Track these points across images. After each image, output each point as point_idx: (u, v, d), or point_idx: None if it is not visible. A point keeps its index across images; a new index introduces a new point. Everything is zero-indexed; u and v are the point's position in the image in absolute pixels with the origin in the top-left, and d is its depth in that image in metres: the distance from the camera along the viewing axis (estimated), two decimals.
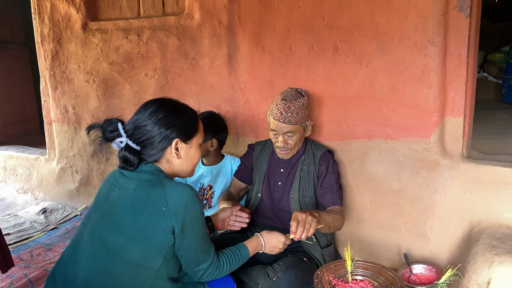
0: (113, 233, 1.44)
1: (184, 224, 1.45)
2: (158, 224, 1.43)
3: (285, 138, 2.13)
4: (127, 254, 1.41)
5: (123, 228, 1.43)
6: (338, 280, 1.90)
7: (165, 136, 1.52)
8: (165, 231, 1.43)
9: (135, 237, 1.42)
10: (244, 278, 2.05)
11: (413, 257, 2.25)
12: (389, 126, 2.28)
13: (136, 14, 3.07)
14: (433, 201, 2.21)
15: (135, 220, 1.43)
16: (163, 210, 1.43)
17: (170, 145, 1.54)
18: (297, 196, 2.19)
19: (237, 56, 2.67)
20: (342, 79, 2.35)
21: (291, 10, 2.43)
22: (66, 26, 3.29)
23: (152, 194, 1.45)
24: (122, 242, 1.42)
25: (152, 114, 1.52)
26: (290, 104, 2.05)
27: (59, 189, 3.62)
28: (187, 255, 1.51)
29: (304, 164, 2.22)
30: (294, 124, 2.08)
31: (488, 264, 1.72)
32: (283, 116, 2.07)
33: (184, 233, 1.46)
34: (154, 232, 1.42)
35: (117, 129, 1.50)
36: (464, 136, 2.15)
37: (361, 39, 2.26)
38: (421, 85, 2.16)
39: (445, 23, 2.06)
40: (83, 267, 1.43)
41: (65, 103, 3.45)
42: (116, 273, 1.40)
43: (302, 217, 1.78)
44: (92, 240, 1.46)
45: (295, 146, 2.17)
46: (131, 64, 3.10)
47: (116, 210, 1.47)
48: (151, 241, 1.42)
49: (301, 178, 2.20)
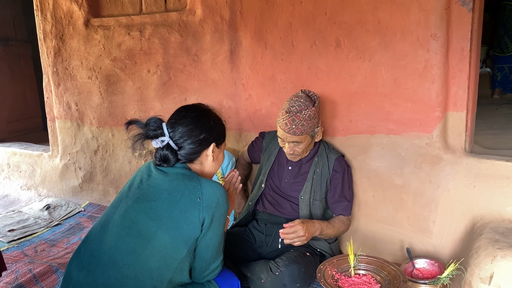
0: (146, 218, 1.48)
1: (213, 218, 1.51)
2: (191, 215, 1.48)
3: (291, 146, 2.13)
4: (156, 240, 1.45)
5: (157, 215, 1.48)
6: (341, 274, 1.91)
7: (205, 140, 1.61)
8: (195, 223, 1.48)
9: (168, 224, 1.47)
10: (247, 273, 2.06)
11: (416, 251, 2.26)
12: (391, 121, 2.28)
13: (138, 10, 3.07)
14: (435, 196, 2.21)
15: (170, 208, 1.48)
16: (198, 201, 1.49)
17: (207, 148, 1.63)
18: (307, 198, 2.19)
19: (239, 52, 2.67)
20: (345, 74, 2.35)
21: (293, 5, 2.42)
22: (69, 22, 3.30)
23: (189, 185, 1.52)
24: (154, 228, 1.46)
25: (197, 119, 1.61)
26: (295, 117, 2.03)
27: (62, 186, 3.64)
28: (206, 251, 1.55)
29: (318, 166, 2.21)
30: (300, 135, 2.07)
31: (490, 258, 1.72)
32: (288, 127, 2.06)
33: (210, 228, 1.52)
34: (185, 222, 1.47)
35: (161, 128, 1.57)
36: (466, 131, 2.15)
37: (364, 34, 2.26)
38: (424, 80, 2.16)
39: (447, 17, 2.06)
40: (111, 247, 1.46)
41: (67, 99, 3.46)
42: (143, 257, 1.43)
43: (299, 233, 1.94)
44: (124, 222, 1.49)
45: (303, 152, 2.18)
46: (133, 61, 3.10)
47: (152, 197, 1.52)
48: (181, 231, 1.47)
49: (314, 180, 2.20)
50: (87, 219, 3.19)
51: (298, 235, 1.95)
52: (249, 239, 2.27)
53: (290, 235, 1.95)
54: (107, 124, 3.34)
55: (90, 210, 3.34)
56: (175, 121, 1.60)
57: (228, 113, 2.81)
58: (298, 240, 1.96)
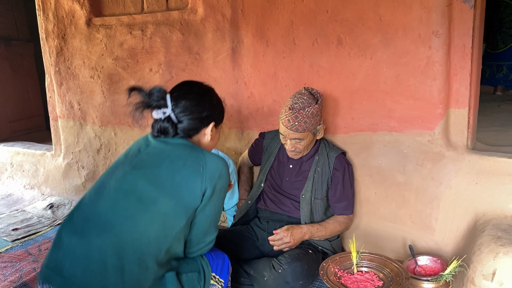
0: (147, 183, 1.45)
1: (215, 189, 1.50)
2: (193, 183, 1.46)
3: (293, 143, 2.13)
4: (157, 207, 1.42)
5: (159, 180, 1.45)
6: (343, 271, 1.91)
7: (206, 118, 1.61)
8: (197, 192, 1.46)
9: (169, 191, 1.44)
10: (250, 271, 2.07)
11: (418, 249, 2.26)
12: (393, 119, 2.28)
13: (140, 9, 3.08)
14: (438, 193, 2.21)
15: (172, 175, 1.46)
16: (201, 170, 1.47)
17: (206, 126, 1.62)
18: (309, 197, 2.20)
19: (241, 50, 2.67)
20: (346, 72, 2.35)
21: (295, 3, 2.42)
22: (71, 22, 3.30)
23: (192, 154, 1.51)
24: (155, 194, 1.43)
25: (201, 96, 1.62)
26: (298, 114, 2.04)
27: (65, 185, 3.65)
28: (204, 222, 1.53)
29: (318, 165, 2.22)
30: (302, 132, 2.08)
31: (493, 255, 1.72)
32: (290, 124, 2.06)
33: (211, 199, 1.50)
34: (187, 190, 1.45)
35: (165, 99, 1.54)
36: (468, 128, 2.15)
37: (365, 32, 2.26)
38: (426, 77, 2.15)
39: (449, 14, 2.05)
40: (107, 211, 1.42)
41: (70, 99, 3.47)
42: (142, 223, 1.40)
43: (284, 240, 2.05)
44: (121, 186, 1.46)
45: (304, 149, 2.18)
46: (135, 59, 3.11)
47: (152, 163, 1.49)
48: (182, 199, 1.45)
49: (315, 179, 2.21)
50: None
51: (283, 242, 2.05)
52: (251, 236, 2.28)
53: (277, 242, 2.06)
54: (109, 123, 3.35)
55: None
56: (179, 95, 1.57)
57: (230, 112, 2.81)
58: (285, 246, 2.07)
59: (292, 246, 2.09)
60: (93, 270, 1.34)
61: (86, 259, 1.35)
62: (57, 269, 1.37)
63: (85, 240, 1.37)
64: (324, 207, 2.23)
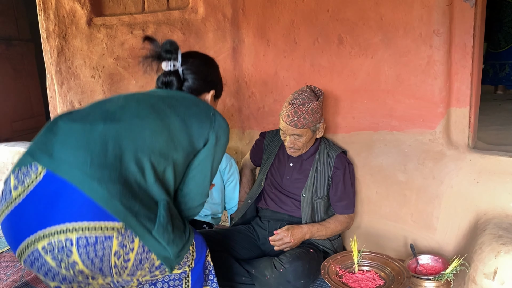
0: (160, 101, 1.43)
1: (217, 142, 1.48)
2: (203, 123, 1.44)
3: (292, 139, 2.14)
4: (168, 120, 1.37)
5: (172, 103, 1.43)
6: (345, 270, 1.92)
7: (210, 82, 1.66)
8: (204, 132, 1.44)
9: (182, 116, 1.40)
10: (251, 270, 2.07)
11: (420, 248, 2.26)
12: (394, 118, 2.28)
13: (141, 9, 3.08)
14: (439, 192, 2.21)
15: (185, 107, 1.45)
16: (211, 116, 1.47)
17: (208, 92, 1.66)
18: (309, 196, 2.20)
19: (242, 50, 2.67)
20: (347, 71, 2.35)
21: (295, 3, 2.42)
22: (71, 22, 3.31)
23: (201, 102, 1.53)
24: (168, 111, 1.39)
25: (209, 62, 1.71)
26: (297, 109, 2.05)
27: None
28: (203, 176, 1.49)
29: (319, 164, 2.22)
30: (301, 128, 2.08)
31: (494, 254, 1.72)
32: (289, 119, 2.07)
33: (212, 150, 1.47)
34: (196, 126, 1.42)
35: (176, 53, 1.55)
36: (469, 127, 2.15)
37: (366, 31, 2.26)
38: (426, 76, 2.15)
39: (450, 13, 2.05)
40: (115, 108, 1.37)
41: (71, 98, 3.48)
42: (151, 127, 1.34)
43: (284, 240, 2.06)
44: (131, 97, 1.44)
45: (303, 146, 2.19)
46: (136, 59, 3.11)
47: (160, 98, 1.46)
48: (190, 130, 1.41)
49: (315, 178, 2.21)
50: None
51: (284, 242, 2.07)
52: (252, 236, 2.28)
53: (278, 242, 2.08)
54: None
55: None
56: (189, 53, 1.63)
57: (231, 111, 2.81)
58: (285, 246, 2.09)
59: (293, 246, 2.10)
60: (93, 151, 1.23)
61: (84, 143, 1.25)
62: (46, 150, 1.27)
63: (88, 125, 1.29)
64: (325, 206, 2.23)
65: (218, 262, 2.11)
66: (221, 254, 2.12)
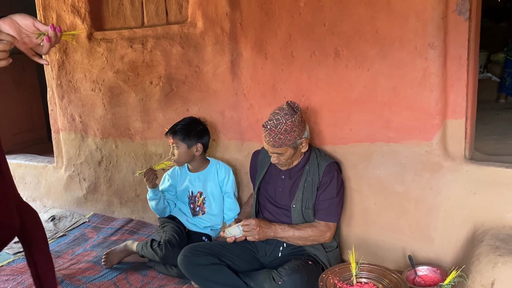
0: None
1: None
2: None
3: (276, 156, 2.16)
4: None
5: None
6: (343, 283, 1.92)
7: None
8: None
9: None
10: (250, 283, 2.08)
11: (418, 259, 2.26)
12: (391, 129, 2.30)
13: (140, 23, 3.12)
14: (436, 203, 2.22)
15: None
16: None
17: None
18: (299, 207, 2.20)
19: (240, 63, 2.70)
20: (344, 84, 2.38)
21: (292, 17, 2.46)
22: (72, 36, 3.34)
23: None
24: None
25: None
26: (270, 131, 2.08)
27: (67, 197, 3.67)
28: None
29: (309, 174, 2.22)
30: (279, 147, 2.10)
31: (492, 265, 1.73)
32: (266, 140, 2.11)
33: None
34: None
35: None
36: (466, 138, 2.17)
37: (362, 44, 2.29)
38: (422, 88, 2.18)
39: (444, 26, 2.08)
40: None
41: (72, 111, 3.51)
42: None
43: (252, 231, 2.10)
44: None
45: (288, 162, 2.20)
46: (136, 73, 3.15)
47: None
48: None
49: (305, 188, 2.21)
50: (92, 229, 3.22)
51: (251, 230, 2.11)
52: (251, 248, 2.29)
53: (246, 227, 2.12)
54: (110, 135, 3.38)
55: (95, 220, 3.36)
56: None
57: (230, 123, 2.84)
58: (249, 235, 2.12)
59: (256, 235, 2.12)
60: None
61: None
62: None
63: None
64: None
65: (217, 274, 2.12)
66: (220, 267, 2.13)
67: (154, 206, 2.66)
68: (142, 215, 3.34)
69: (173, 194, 2.77)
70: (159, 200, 2.63)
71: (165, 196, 2.73)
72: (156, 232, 2.79)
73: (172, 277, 2.46)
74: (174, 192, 2.77)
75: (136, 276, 2.51)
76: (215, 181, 2.67)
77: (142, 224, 3.23)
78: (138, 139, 3.26)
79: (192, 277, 2.21)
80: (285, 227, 2.15)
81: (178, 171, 2.76)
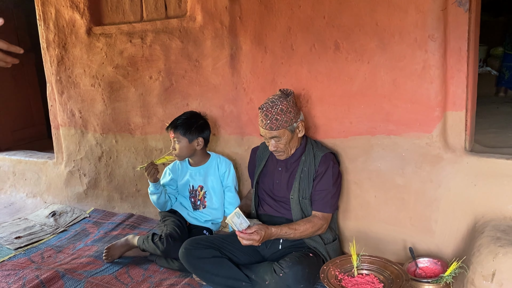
0: None
1: None
2: None
3: (273, 142, 2.17)
4: None
5: None
6: (344, 274, 1.93)
7: None
8: None
9: None
10: (251, 275, 2.08)
11: (419, 251, 2.27)
12: (391, 122, 2.30)
13: (139, 17, 3.11)
14: (437, 195, 2.22)
15: None
16: None
17: None
18: (297, 197, 2.21)
19: (240, 57, 2.70)
20: (344, 77, 2.37)
21: (292, 10, 2.45)
22: (71, 31, 3.34)
23: None
24: None
25: None
26: (267, 112, 2.11)
27: (67, 192, 3.67)
28: None
29: (305, 165, 2.23)
30: (277, 130, 2.12)
31: (492, 256, 1.73)
32: (263, 123, 2.13)
33: None
34: None
35: None
36: (466, 130, 2.17)
37: (362, 37, 2.28)
38: (422, 80, 2.17)
39: (444, 18, 2.08)
40: None
41: (71, 107, 3.50)
42: None
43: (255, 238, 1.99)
44: None
45: (287, 148, 2.20)
46: (135, 67, 3.14)
47: None
48: None
49: (301, 179, 2.22)
50: (93, 225, 3.22)
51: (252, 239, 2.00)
52: None
53: (246, 236, 2.01)
54: (110, 130, 3.38)
55: (95, 216, 3.37)
56: None
57: (230, 117, 2.84)
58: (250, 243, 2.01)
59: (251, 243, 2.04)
60: None
61: None
62: None
63: None
64: None
65: (218, 267, 2.12)
66: (221, 259, 2.14)
67: (155, 200, 2.66)
68: (142, 210, 3.34)
69: (174, 188, 2.78)
70: (160, 194, 2.64)
71: (166, 190, 2.73)
72: (157, 226, 2.79)
73: (174, 271, 2.46)
74: (175, 186, 2.77)
75: (138, 270, 2.51)
76: (216, 175, 2.68)
77: (143, 219, 3.23)
78: (138, 134, 3.25)
79: (194, 270, 2.21)
80: (287, 230, 2.11)
81: (179, 165, 2.76)
